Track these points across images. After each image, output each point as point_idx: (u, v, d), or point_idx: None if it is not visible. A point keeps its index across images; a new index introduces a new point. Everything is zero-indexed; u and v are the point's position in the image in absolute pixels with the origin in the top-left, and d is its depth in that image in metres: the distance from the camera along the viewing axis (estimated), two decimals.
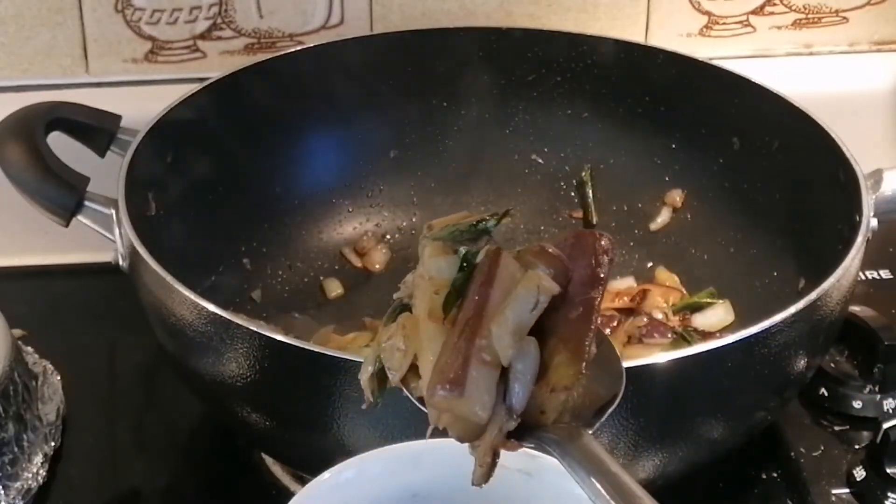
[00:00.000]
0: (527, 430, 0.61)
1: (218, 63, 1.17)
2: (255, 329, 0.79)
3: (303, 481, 0.85)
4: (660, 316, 1.04)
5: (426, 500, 0.68)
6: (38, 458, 0.92)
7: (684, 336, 0.99)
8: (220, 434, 0.97)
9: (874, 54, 1.26)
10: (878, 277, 1.15)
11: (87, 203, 0.91)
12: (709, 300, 1.05)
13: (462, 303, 0.64)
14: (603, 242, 0.66)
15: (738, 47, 1.24)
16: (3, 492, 0.89)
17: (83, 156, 0.98)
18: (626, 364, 0.78)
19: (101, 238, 0.92)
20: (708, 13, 1.22)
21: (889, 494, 0.91)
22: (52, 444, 0.95)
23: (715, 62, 1.09)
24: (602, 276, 0.65)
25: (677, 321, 1.04)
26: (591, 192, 1.14)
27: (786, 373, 0.86)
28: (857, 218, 0.90)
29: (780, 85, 1.04)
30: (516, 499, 0.68)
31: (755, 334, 0.80)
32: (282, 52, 1.11)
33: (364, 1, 1.17)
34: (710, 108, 1.08)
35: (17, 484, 0.90)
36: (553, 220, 1.15)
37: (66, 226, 0.92)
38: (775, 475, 0.95)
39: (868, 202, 0.91)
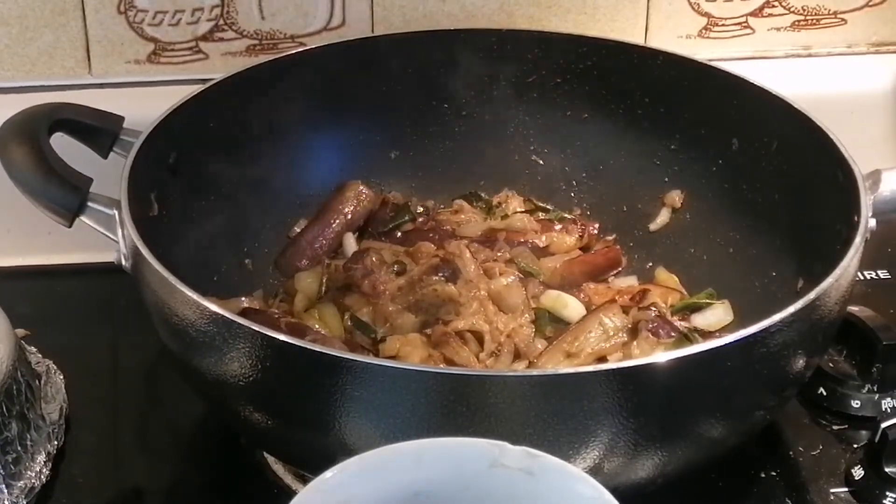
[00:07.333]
0: None
1: (220, 64, 1.18)
2: (257, 329, 0.79)
3: (305, 480, 0.86)
4: None
5: (428, 498, 0.68)
6: (42, 457, 0.93)
7: (687, 336, 0.99)
8: (223, 433, 0.97)
9: (872, 55, 1.26)
10: (876, 277, 1.15)
11: (89, 204, 0.91)
12: (708, 300, 1.05)
13: None
14: None
15: (737, 49, 1.24)
16: (6, 490, 0.89)
17: (86, 157, 0.98)
18: (626, 364, 0.79)
19: (104, 238, 0.92)
20: (707, 15, 1.23)
21: (888, 493, 0.91)
22: (56, 443, 0.95)
23: (714, 63, 1.09)
24: None
25: (676, 321, 1.04)
26: None
27: (785, 372, 0.86)
28: (856, 218, 0.90)
29: (779, 86, 1.04)
30: (517, 498, 0.68)
31: (754, 334, 0.80)
32: (283, 54, 1.11)
33: (365, 3, 1.17)
34: (710, 109, 1.08)
35: (21, 483, 0.90)
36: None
37: (70, 226, 0.92)
38: (774, 474, 0.95)
39: (866, 203, 0.91)
